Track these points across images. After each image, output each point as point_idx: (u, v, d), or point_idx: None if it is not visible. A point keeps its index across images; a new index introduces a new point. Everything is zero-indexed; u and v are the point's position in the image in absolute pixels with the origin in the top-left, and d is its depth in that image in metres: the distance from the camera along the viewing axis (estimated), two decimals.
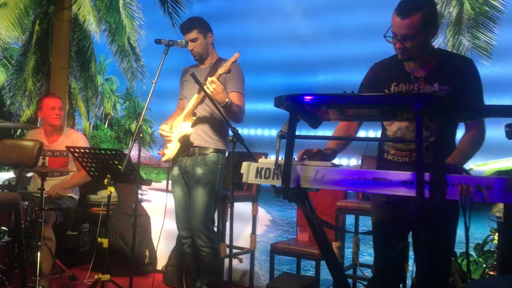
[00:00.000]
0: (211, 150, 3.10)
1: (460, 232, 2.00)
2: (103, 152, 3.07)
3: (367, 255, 2.66)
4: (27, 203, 3.38)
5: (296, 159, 1.92)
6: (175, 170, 3.24)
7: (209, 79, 2.92)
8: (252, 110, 3.26)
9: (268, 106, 1.90)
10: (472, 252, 3.25)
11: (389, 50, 2.29)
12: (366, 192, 3.14)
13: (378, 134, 2.44)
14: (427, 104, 1.58)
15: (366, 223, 2.47)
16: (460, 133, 2.17)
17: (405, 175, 1.65)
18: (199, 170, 3.09)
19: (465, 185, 1.59)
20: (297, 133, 1.80)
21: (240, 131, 2.88)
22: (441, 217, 1.94)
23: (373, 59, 2.36)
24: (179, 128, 3.11)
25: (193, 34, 3.15)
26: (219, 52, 3.35)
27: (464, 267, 3.13)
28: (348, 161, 3.49)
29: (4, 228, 3.22)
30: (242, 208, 3.87)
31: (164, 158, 3.20)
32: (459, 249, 2.83)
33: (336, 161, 2.30)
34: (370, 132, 3.24)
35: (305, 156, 2.00)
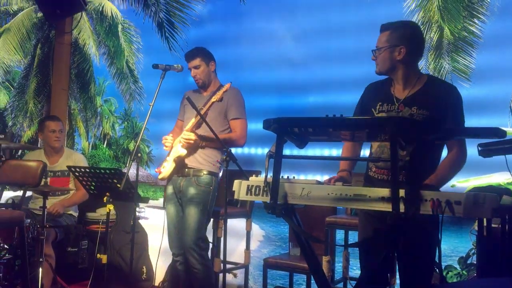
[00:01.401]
0: (205, 172, 3.24)
1: (444, 246, 2.11)
2: (102, 171, 3.20)
3: (357, 269, 2.79)
4: (29, 220, 3.49)
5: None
6: (169, 189, 3.37)
7: (184, 133, 3.19)
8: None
9: (261, 126, 2.06)
10: (456, 265, 3.38)
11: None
12: (349, 207, 3.29)
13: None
14: (400, 127, 1.75)
15: (356, 238, 2.60)
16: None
17: (383, 191, 1.80)
18: (192, 190, 3.22)
19: (436, 200, 1.74)
20: (288, 151, 1.97)
21: (234, 150, 3.05)
22: (418, 231, 2.08)
23: (361, 81, 2.55)
24: (174, 149, 3.26)
25: (196, 61, 3.33)
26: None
27: (449, 279, 3.26)
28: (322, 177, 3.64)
29: (5, 246, 3.32)
30: (236, 224, 3.98)
31: (160, 176, 3.35)
32: (443, 262, 2.95)
33: (327, 177, 2.46)
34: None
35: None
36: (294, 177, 2.09)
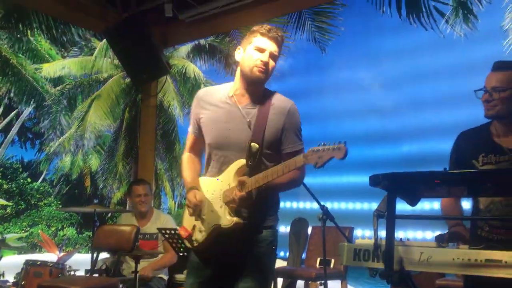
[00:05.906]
0: (265, 226, 2.20)
1: None
2: None
3: None
4: (121, 285, 3.48)
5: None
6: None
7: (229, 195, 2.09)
8: (336, 183, 3.22)
9: (352, 179, 1.87)
10: None
11: (475, 117, 2.30)
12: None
13: None
14: None
15: None
16: None
17: None
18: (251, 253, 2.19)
19: None
20: None
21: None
22: None
23: (458, 127, 2.34)
24: (208, 210, 2.20)
25: (278, 50, 2.20)
26: None
27: None
28: (423, 233, 3.27)
29: None
30: (330, 286, 3.72)
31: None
32: None
33: (411, 233, 2.21)
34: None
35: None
36: (408, 239, 1.87)
